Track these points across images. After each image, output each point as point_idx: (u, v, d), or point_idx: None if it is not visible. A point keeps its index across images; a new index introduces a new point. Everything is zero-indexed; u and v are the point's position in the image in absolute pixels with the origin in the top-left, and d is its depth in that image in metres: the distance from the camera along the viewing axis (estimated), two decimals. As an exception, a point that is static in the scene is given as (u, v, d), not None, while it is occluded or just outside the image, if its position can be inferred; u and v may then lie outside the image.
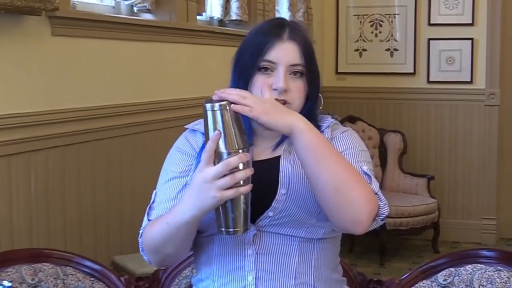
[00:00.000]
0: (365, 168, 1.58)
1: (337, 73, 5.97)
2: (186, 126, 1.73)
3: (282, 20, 1.69)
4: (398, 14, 5.77)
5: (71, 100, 2.85)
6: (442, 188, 5.66)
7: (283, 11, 5.08)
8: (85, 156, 2.93)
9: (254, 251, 1.58)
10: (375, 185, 1.56)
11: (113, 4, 3.41)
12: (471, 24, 5.58)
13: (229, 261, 1.60)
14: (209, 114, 1.42)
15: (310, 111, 1.64)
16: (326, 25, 5.95)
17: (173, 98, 3.58)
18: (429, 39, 5.69)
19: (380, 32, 5.84)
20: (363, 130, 5.58)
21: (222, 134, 1.41)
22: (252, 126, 1.65)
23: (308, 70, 1.64)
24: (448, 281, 1.85)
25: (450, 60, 5.65)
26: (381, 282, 1.97)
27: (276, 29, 1.64)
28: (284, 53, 1.61)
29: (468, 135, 5.65)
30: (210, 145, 1.41)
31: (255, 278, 1.58)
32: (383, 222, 1.56)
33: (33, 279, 1.87)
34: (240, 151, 1.41)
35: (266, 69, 1.61)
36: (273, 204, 1.57)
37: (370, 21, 5.86)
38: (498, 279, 1.80)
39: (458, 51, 5.62)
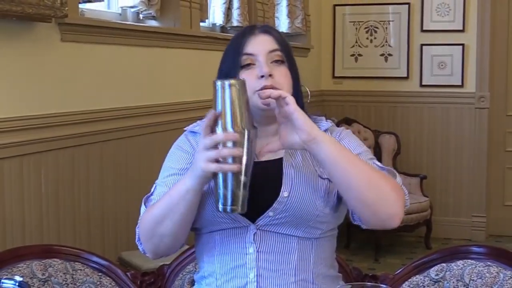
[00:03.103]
0: (379, 164, 1.60)
1: (334, 77, 5.96)
2: (185, 129, 1.73)
3: (252, 25, 1.74)
4: (392, 20, 5.77)
5: (80, 103, 2.85)
6: (434, 187, 5.66)
7: (282, 18, 5.09)
8: (94, 156, 2.93)
9: (255, 250, 1.57)
10: (399, 178, 1.58)
11: (119, 11, 3.41)
12: (462, 31, 5.58)
13: (231, 259, 1.59)
14: (219, 91, 1.41)
15: (297, 99, 1.61)
16: (323, 31, 5.95)
17: (177, 101, 3.58)
18: (422, 45, 5.68)
19: (375, 38, 5.83)
20: (358, 132, 5.58)
21: (229, 112, 1.40)
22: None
23: (287, 57, 1.64)
24: (440, 276, 1.85)
25: (442, 65, 5.65)
26: (376, 277, 1.97)
27: (249, 29, 1.67)
28: (260, 43, 1.63)
29: (459, 137, 5.65)
30: (206, 121, 1.41)
31: (257, 276, 1.56)
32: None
33: (43, 274, 1.87)
34: (246, 131, 1.40)
35: (248, 65, 1.61)
36: (274, 204, 1.56)
37: (366, 28, 5.85)
38: (487, 274, 1.79)
39: (449, 56, 5.62)
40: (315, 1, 5.70)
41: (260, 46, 1.62)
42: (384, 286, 1.42)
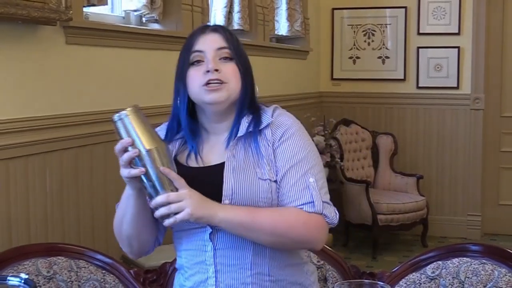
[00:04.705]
0: (311, 180, 1.59)
1: (332, 79, 5.96)
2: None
3: (205, 25, 1.75)
4: (390, 24, 5.76)
5: (84, 105, 2.85)
6: (430, 187, 5.66)
7: (281, 22, 5.09)
8: (97, 156, 2.93)
9: (212, 247, 1.61)
10: (318, 202, 1.58)
11: (123, 14, 3.41)
12: (458, 34, 5.58)
13: (193, 255, 1.64)
14: (118, 123, 1.51)
15: (245, 95, 1.64)
16: (322, 34, 5.95)
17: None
18: (418, 47, 5.68)
19: (372, 41, 5.83)
20: (356, 133, 5.58)
21: (136, 136, 1.49)
22: (200, 121, 1.68)
23: (236, 54, 1.65)
24: (436, 273, 1.85)
25: (438, 67, 5.65)
26: (374, 274, 1.97)
27: (200, 29, 1.70)
28: (208, 40, 1.65)
29: (455, 137, 5.65)
30: (118, 146, 1.51)
31: (215, 271, 1.61)
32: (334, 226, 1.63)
33: (48, 272, 1.87)
34: (154, 148, 1.48)
35: (198, 61, 1.64)
36: None
37: (363, 31, 5.85)
38: (482, 272, 1.79)
39: (445, 59, 5.62)
40: (314, 5, 5.70)
41: (208, 43, 1.64)
42: (382, 283, 1.42)
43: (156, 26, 3.54)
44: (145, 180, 1.49)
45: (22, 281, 1.45)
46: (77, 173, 2.80)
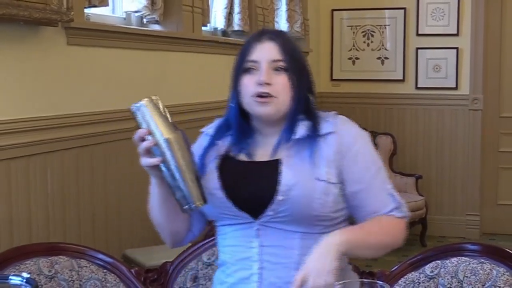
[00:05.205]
0: (389, 186, 1.65)
1: (332, 80, 5.96)
2: (201, 130, 1.77)
3: (265, 29, 1.74)
4: (389, 25, 5.76)
5: (84, 105, 2.85)
6: (429, 187, 5.65)
7: (281, 23, 5.09)
8: (98, 156, 2.93)
9: (258, 244, 1.60)
10: (403, 207, 1.67)
11: (124, 16, 3.41)
12: (456, 35, 5.58)
13: (238, 251, 1.63)
14: (137, 113, 1.55)
15: (297, 105, 1.64)
16: (321, 35, 5.95)
17: (179, 103, 3.57)
18: (417, 48, 5.68)
19: (371, 41, 5.83)
20: (356, 133, 5.58)
21: (154, 125, 1.53)
22: (251, 123, 1.68)
23: (291, 65, 1.64)
24: (435, 272, 1.85)
25: (436, 68, 5.65)
26: (373, 273, 1.97)
27: (257, 35, 1.69)
28: (264, 51, 1.64)
29: (453, 138, 5.65)
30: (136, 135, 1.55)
31: (260, 268, 1.60)
32: None
33: (49, 271, 1.87)
34: (172, 136, 1.51)
35: (251, 69, 1.63)
36: (271, 205, 1.58)
37: (363, 32, 5.85)
38: (481, 271, 1.79)
39: (444, 60, 5.62)
40: (313, 6, 5.70)
41: (263, 54, 1.63)
42: (381, 282, 1.42)
43: (156, 27, 3.54)
44: (164, 169, 1.52)
45: (24, 280, 1.45)
46: (78, 173, 2.81)
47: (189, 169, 1.51)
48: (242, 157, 1.66)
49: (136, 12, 3.35)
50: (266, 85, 1.60)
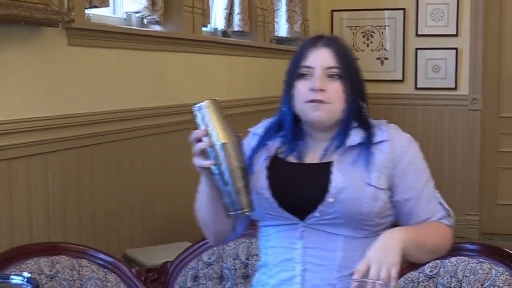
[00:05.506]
0: (437, 195, 1.72)
1: (331, 80, 5.96)
2: (249, 130, 1.79)
3: (320, 34, 1.73)
4: (388, 25, 5.77)
5: (85, 105, 2.85)
6: (428, 187, 5.64)
7: (281, 23, 5.09)
8: (98, 157, 2.93)
9: (302, 246, 1.61)
10: (452, 214, 1.74)
11: (124, 16, 3.41)
12: (456, 35, 5.58)
13: (281, 252, 1.64)
14: (197, 113, 1.52)
15: (350, 112, 1.65)
16: (321, 35, 5.94)
17: (180, 103, 3.57)
18: (417, 49, 5.68)
19: (371, 42, 5.83)
20: (355, 133, 5.58)
21: (212, 128, 1.50)
22: (303, 127, 1.69)
23: (345, 72, 1.64)
24: (434, 272, 1.85)
25: (436, 68, 5.65)
26: (372, 273, 1.96)
27: (313, 41, 1.68)
28: (319, 57, 1.64)
29: (453, 138, 5.65)
30: (193, 135, 1.51)
31: (302, 270, 1.60)
32: None
33: (50, 271, 1.87)
34: (228, 142, 1.49)
35: (305, 75, 1.64)
36: (319, 207, 1.59)
37: (362, 32, 5.85)
38: (480, 271, 1.79)
39: (443, 60, 5.62)
40: (313, 7, 5.70)
41: (318, 60, 1.64)
42: (381, 282, 1.43)
43: (157, 28, 3.54)
44: (216, 172, 1.50)
45: (25, 279, 1.45)
46: (78, 173, 2.81)
47: (241, 176, 1.50)
48: (292, 158, 1.67)
49: (136, 12, 3.35)
50: (320, 91, 1.61)
